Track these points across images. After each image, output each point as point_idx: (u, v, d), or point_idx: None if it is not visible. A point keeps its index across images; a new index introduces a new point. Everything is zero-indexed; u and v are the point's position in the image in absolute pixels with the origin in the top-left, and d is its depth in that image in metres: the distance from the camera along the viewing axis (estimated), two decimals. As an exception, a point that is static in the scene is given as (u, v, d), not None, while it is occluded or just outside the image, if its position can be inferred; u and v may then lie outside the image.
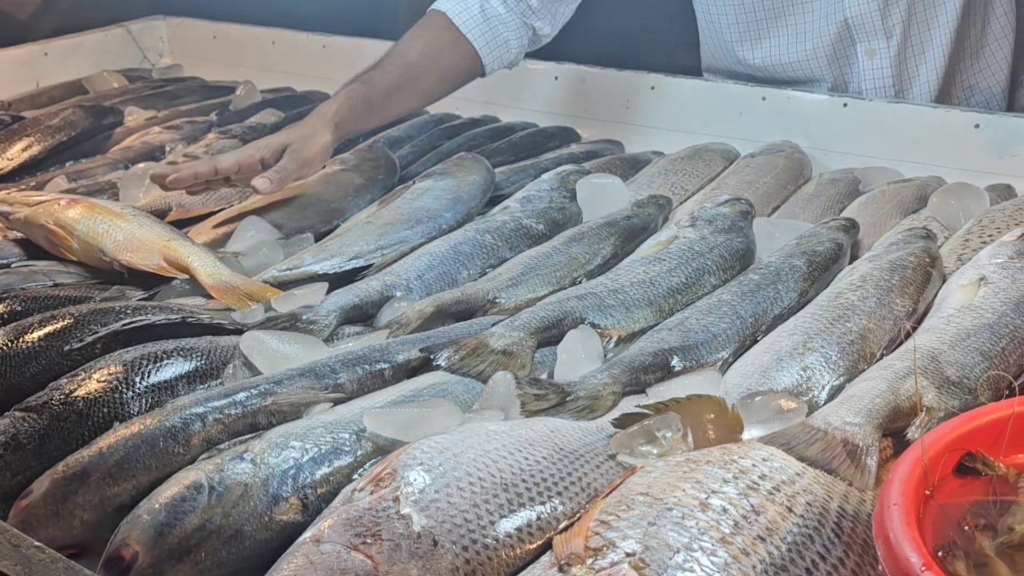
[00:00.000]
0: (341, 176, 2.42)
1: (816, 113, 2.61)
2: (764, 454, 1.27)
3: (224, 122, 2.96)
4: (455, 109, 3.10)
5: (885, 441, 1.41)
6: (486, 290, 1.88)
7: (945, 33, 2.63)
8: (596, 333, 1.71)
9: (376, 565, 1.13)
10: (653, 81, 2.85)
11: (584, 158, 2.61)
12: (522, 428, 1.38)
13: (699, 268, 1.90)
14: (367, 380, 1.58)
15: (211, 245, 2.11)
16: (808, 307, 1.74)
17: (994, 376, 1.50)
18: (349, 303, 1.85)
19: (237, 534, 1.27)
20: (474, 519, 1.19)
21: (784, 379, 1.56)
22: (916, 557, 0.93)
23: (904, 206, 2.20)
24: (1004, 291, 1.68)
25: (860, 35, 2.62)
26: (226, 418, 1.45)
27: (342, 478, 1.35)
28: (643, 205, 2.19)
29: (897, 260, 1.81)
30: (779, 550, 1.11)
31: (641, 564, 1.07)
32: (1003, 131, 2.40)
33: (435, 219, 2.19)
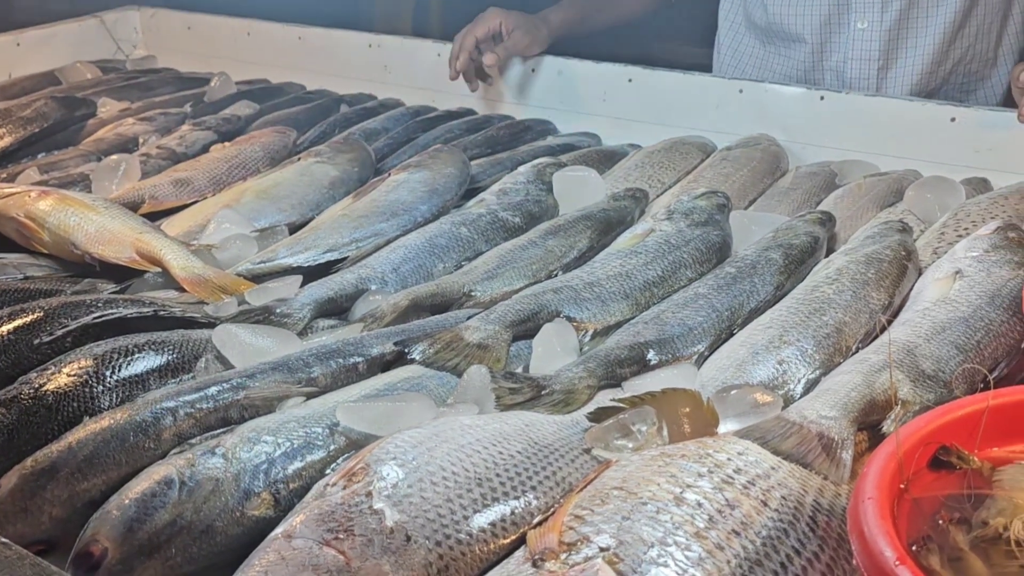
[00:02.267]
0: (316, 169, 2.40)
1: (793, 106, 2.61)
2: (739, 448, 1.26)
3: (199, 114, 2.93)
4: (431, 101, 3.09)
5: (860, 435, 1.41)
6: (461, 283, 1.87)
7: (943, 20, 2.63)
8: (572, 326, 1.71)
9: (348, 561, 1.12)
10: (630, 74, 2.84)
11: (561, 151, 2.60)
12: (496, 422, 1.37)
13: (675, 261, 1.89)
14: (341, 374, 1.57)
15: (184, 238, 2.09)
16: (784, 300, 1.74)
17: (969, 369, 1.50)
18: (323, 296, 1.84)
19: (208, 530, 1.26)
20: (447, 514, 1.18)
21: (760, 373, 1.55)
22: (890, 551, 0.93)
23: (880, 199, 2.20)
24: (979, 284, 1.68)
25: (858, 4, 2.63)
26: (197, 412, 1.43)
27: (315, 473, 1.34)
28: (620, 198, 2.19)
29: (873, 253, 1.81)
30: (754, 544, 1.11)
31: (615, 559, 1.07)
32: (979, 125, 2.40)
33: (411, 211, 2.17)
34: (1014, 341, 1.59)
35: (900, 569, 0.91)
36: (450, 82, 3.05)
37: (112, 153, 2.58)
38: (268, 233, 2.14)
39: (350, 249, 2.04)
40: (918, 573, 0.91)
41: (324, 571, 1.11)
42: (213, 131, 2.76)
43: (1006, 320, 1.61)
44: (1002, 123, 2.36)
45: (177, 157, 2.60)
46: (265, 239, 2.11)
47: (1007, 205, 2.03)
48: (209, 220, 2.17)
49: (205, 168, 2.45)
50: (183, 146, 2.66)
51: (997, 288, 1.67)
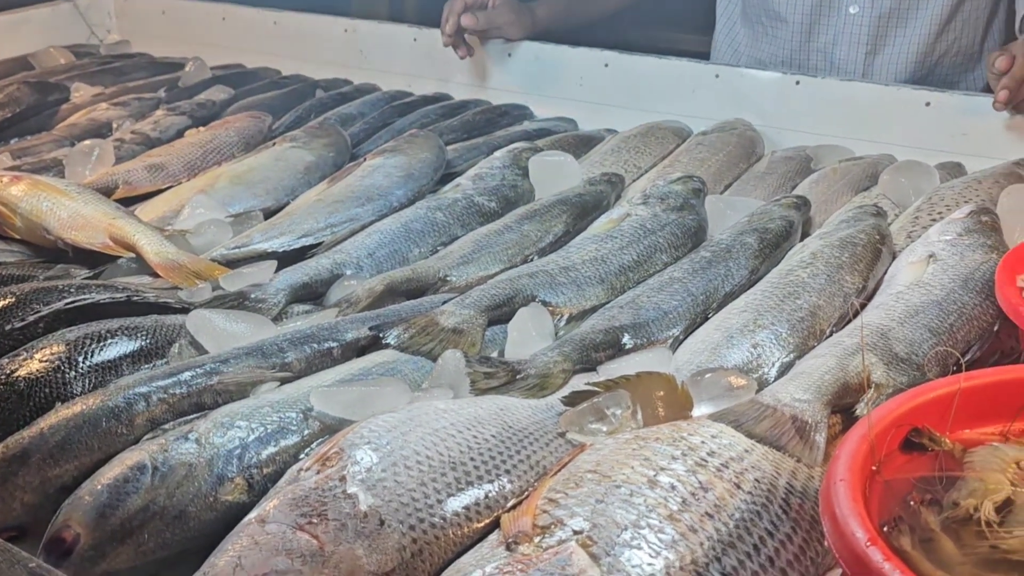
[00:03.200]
0: (291, 154, 2.39)
1: (769, 91, 2.61)
2: (713, 431, 1.27)
3: (173, 99, 2.91)
4: (408, 86, 3.08)
5: (834, 417, 1.42)
6: (437, 268, 1.87)
7: (933, 11, 2.65)
8: (547, 311, 1.70)
9: (322, 545, 1.12)
10: (607, 58, 2.83)
11: (537, 135, 2.60)
12: (471, 406, 1.37)
13: (651, 246, 1.89)
14: (315, 359, 1.56)
15: (158, 223, 2.08)
16: (759, 284, 1.75)
17: (942, 352, 1.51)
18: (298, 281, 1.83)
19: (181, 515, 1.26)
20: (421, 498, 1.18)
21: (734, 356, 1.56)
22: (862, 532, 0.93)
23: (855, 184, 2.20)
24: (952, 268, 1.69)
25: None
26: (171, 398, 1.43)
27: (289, 458, 1.33)
28: (595, 183, 2.19)
29: (847, 237, 1.81)
30: (727, 526, 1.11)
31: (589, 542, 1.07)
32: (954, 110, 2.41)
33: (386, 196, 2.17)
34: (986, 324, 1.60)
35: (871, 550, 0.91)
36: (426, 67, 3.05)
37: (85, 138, 2.56)
38: (243, 218, 2.13)
39: (325, 234, 2.03)
40: (889, 554, 0.91)
41: (297, 556, 1.11)
42: (188, 116, 2.75)
43: (979, 303, 1.61)
44: (976, 108, 2.37)
45: (151, 142, 2.58)
46: (240, 224, 2.10)
47: (980, 189, 2.04)
48: (183, 205, 2.16)
49: (179, 153, 2.44)
50: (157, 131, 2.64)
51: (970, 271, 1.67)
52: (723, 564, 1.07)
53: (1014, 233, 1.82)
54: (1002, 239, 1.79)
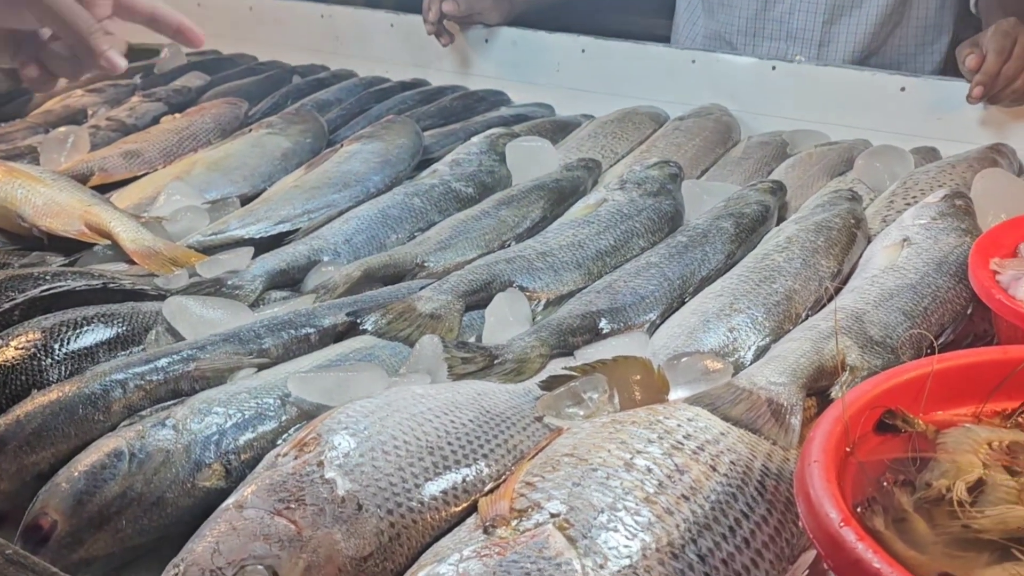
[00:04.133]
0: (268, 140, 2.38)
1: (745, 76, 2.62)
2: (689, 414, 1.27)
3: (148, 85, 2.90)
4: (385, 72, 3.07)
5: (809, 400, 1.43)
6: (414, 254, 1.87)
7: None
8: (524, 296, 1.71)
9: (299, 530, 1.12)
10: (584, 44, 2.84)
11: (514, 121, 2.60)
12: (448, 391, 1.37)
13: (628, 231, 1.90)
14: (293, 345, 1.56)
15: (134, 210, 2.07)
16: (735, 269, 1.75)
17: (916, 335, 1.52)
18: (275, 268, 1.83)
19: (159, 501, 1.25)
20: (399, 482, 1.19)
21: (711, 340, 1.56)
22: (835, 513, 0.94)
23: (831, 168, 2.22)
24: (927, 251, 1.70)
25: None
26: (148, 384, 1.42)
27: (266, 444, 1.33)
28: (572, 168, 2.19)
29: (822, 221, 1.82)
30: (703, 509, 1.12)
31: (566, 524, 1.07)
32: (929, 95, 2.42)
33: (363, 183, 2.17)
34: (960, 307, 1.61)
35: (845, 530, 0.92)
36: (403, 53, 3.05)
37: (60, 125, 2.55)
38: (219, 205, 2.13)
39: (302, 220, 2.03)
40: (862, 534, 0.92)
41: (275, 541, 1.11)
42: (163, 103, 2.74)
43: (953, 286, 1.63)
44: (951, 93, 2.38)
45: (127, 129, 2.57)
46: (216, 211, 2.10)
47: (955, 173, 2.05)
48: (159, 192, 2.15)
49: (155, 140, 2.43)
50: (133, 118, 2.63)
51: (944, 255, 1.68)
52: (699, 545, 1.08)
53: (987, 217, 1.83)
54: (976, 223, 1.80)
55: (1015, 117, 2.35)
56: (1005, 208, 1.82)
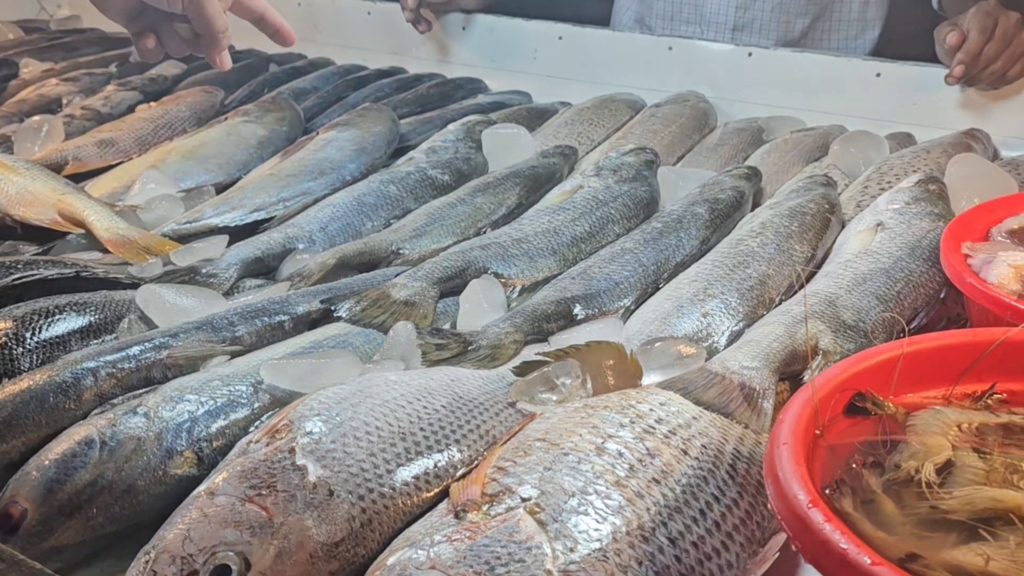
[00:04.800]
0: (243, 128, 2.37)
1: (721, 63, 2.62)
2: (661, 399, 1.27)
3: (124, 74, 2.88)
4: (362, 60, 3.06)
5: (782, 384, 1.43)
6: (390, 241, 1.86)
7: None
8: (499, 282, 1.71)
9: (271, 516, 1.12)
10: (561, 31, 2.84)
11: (491, 109, 2.59)
12: (422, 377, 1.37)
13: (603, 217, 1.90)
14: (266, 332, 1.56)
15: (109, 199, 2.06)
16: (709, 254, 1.75)
17: (888, 318, 1.53)
18: (250, 256, 1.83)
19: (130, 489, 1.25)
20: (371, 468, 1.18)
21: (685, 325, 1.56)
22: (803, 494, 0.94)
23: (806, 154, 2.22)
24: (900, 236, 1.70)
25: None
26: (119, 372, 1.42)
27: (239, 431, 1.33)
28: (549, 155, 2.19)
29: (797, 207, 1.82)
30: (673, 492, 1.12)
31: (536, 509, 1.07)
32: (904, 80, 2.43)
33: (339, 170, 2.16)
34: (933, 291, 1.62)
35: (812, 511, 0.92)
36: (381, 41, 3.04)
37: (35, 114, 2.53)
38: (194, 193, 2.12)
39: (277, 208, 2.03)
40: (830, 515, 0.92)
41: (246, 527, 1.11)
42: (139, 91, 2.72)
43: (926, 271, 1.63)
44: (927, 79, 2.39)
45: (102, 118, 2.56)
46: (191, 200, 2.09)
47: (929, 159, 2.05)
48: (134, 181, 2.14)
49: (130, 129, 2.42)
50: (108, 107, 2.62)
51: (917, 239, 1.69)
52: (669, 529, 1.08)
53: (961, 201, 1.83)
54: (949, 207, 1.81)
55: (991, 102, 2.35)
56: (979, 193, 1.82)
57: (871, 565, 0.85)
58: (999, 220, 1.62)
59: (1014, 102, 2.33)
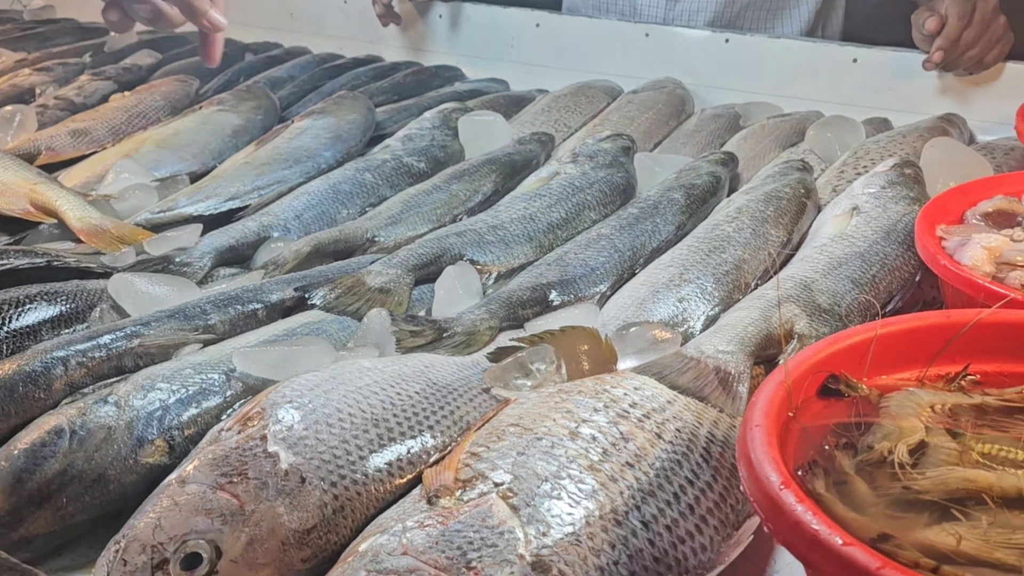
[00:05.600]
0: (218, 117, 2.36)
1: (698, 49, 2.61)
2: (636, 383, 1.27)
3: (98, 63, 2.87)
4: (339, 49, 3.05)
5: (758, 368, 1.43)
6: (365, 229, 1.85)
7: None
8: (474, 269, 1.70)
9: (242, 504, 1.11)
10: (538, 18, 2.83)
11: (468, 96, 2.58)
12: (396, 364, 1.36)
13: (579, 203, 1.89)
14: (239, 320, 1.55)
15: (82, 189, 2.05)
16: (685, 239, 1.75)
17: (863, 302, 1.53)
18: (224, 244, 1.81)
19: (100, 478, 1.24)
20: (343, 455, 1.18)
21: (660, 311, 1.56)
22: (775, 476, 0.94)
23: (783, 140, 2.22)
24: (876, 220, 1.70)
25: None
26: (90, 361, 1.40)
27: (211, 419, 1.32)
28: (525, 142, 2.18)
29: (772, 192, 1.82)
30: (647, 476, 1.12)
31: (509, 494, 1.07)
32: (881, 65, 2.43)
33: (314, 158, 2.15)
34: (908, 274, 1.61)
35: (784, 493, 0.92)
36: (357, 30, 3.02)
37: (7, 104, 2.50)
38: (169, 183, 2.10)
39: (252, 197, 2.01)
40: (802, 496, 0.91)
41: (217, 515, 1.10)
42: (113, 81, 2.70)
43: (901, 254, 1.63)
44: (903, 64, 2.39)
45: (75, 108, 2.54)
46: (165, 189, 2.08)
47: (905, 143, 2.06)
48: (108, 170, 2.13)
49: (104, 118, 2.40)
50: (81, 96, 2.60)
51: (893, 223, 1.69)
52: (643, 512, 1.08)
53: (937, 185, 1.83)
54: (925, 191, 1.81)
55: (967, 87, 2.36)
56: (954, 176, 1.83)
57: (842, 545, 0.85)
58: (974, 203, 1.62)
59: (990, 87, 2.33)
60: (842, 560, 0.84)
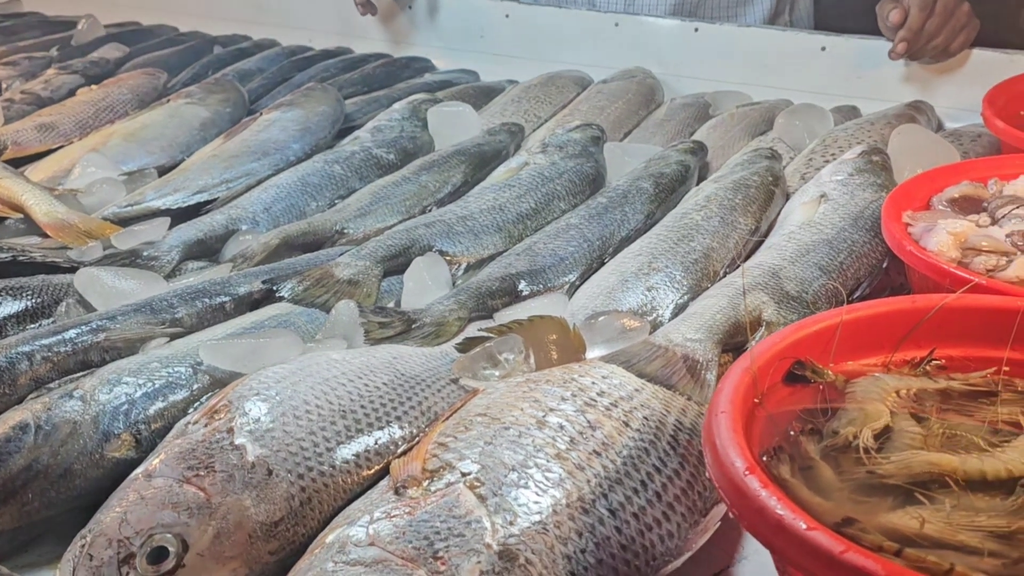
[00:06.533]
0: (186, 110, 2.34)
1: (668, 38, 2.61)
2: (604, 372, 1.27)
3: (65, 57, 2.85)
4: (308, 41, 3.03)
5: (726, 356, 1.43)
6: (334, 221, 1.85)
7: None
8: (443, 260, 1.70)
9: (208, 497, 1.10)
10: (507, 9, 2.82)
11: (438, 88, 2.58)
12: (364, 355, 1.36)
13: (549, 193, 1.89)
14: (207, 314, 1.54)
15: (49, 183, 2.04)
16: (655, 228, 1.75)
17: (831, 289, 1.53)
18: (192, 238, 1.81)
19: (66, 473, 1.23)
20: (310, 447, 1.17)
21: (629, 299, 1.56)
22: (740, 462, 0.94)
23: (752, 128, 2.22)
24: (843, 207, 1.71)
25: None
26: (55, 356, 1.40)
27: (178, 412, 1.31)
28: (495, 132, 2.18)
29: (741, 180, 1.82)
30: (614, 464, 1.12)
31: (476, 483, 1.07)
32: (849, 54, 2.43)
33: (283, 151, 2.14)
34: (876, 261, 1.62)
35: (749, 479, 0.92)
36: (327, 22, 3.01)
37: (-27, 99, 2.50)
38: (136, 176, 2.09)
39: (220, 190, 2.00)
40: (767, 482, 0.92)
41: (184, 508, 1.09)
42: (80, 75, 2.69)
43: (868, 241, 1.64)
44: (871, 52, 2.39)
45: (42, 102, 2.52)
46: (133, 183, 2.07)
47: (873, 131, 2.06)
48: (75, 165, 2.12)
49: (71, 112, 2.39)
50: (48, 90, 2.58)
51: (860, 210, 1.69)
52: (610, 500, 1.08)
53: (904, 172, 1.84)
54: (892, 178, 1.81)
55: (935, 74, 2.36)
56: (921, 163, 1.83)
57: (806, 530, 0.85)
58: (940, 189, 1.63)
59: (957, 74, 2.34)
60: (806, 544, 0.85)
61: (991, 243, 1.44)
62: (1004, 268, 1.39)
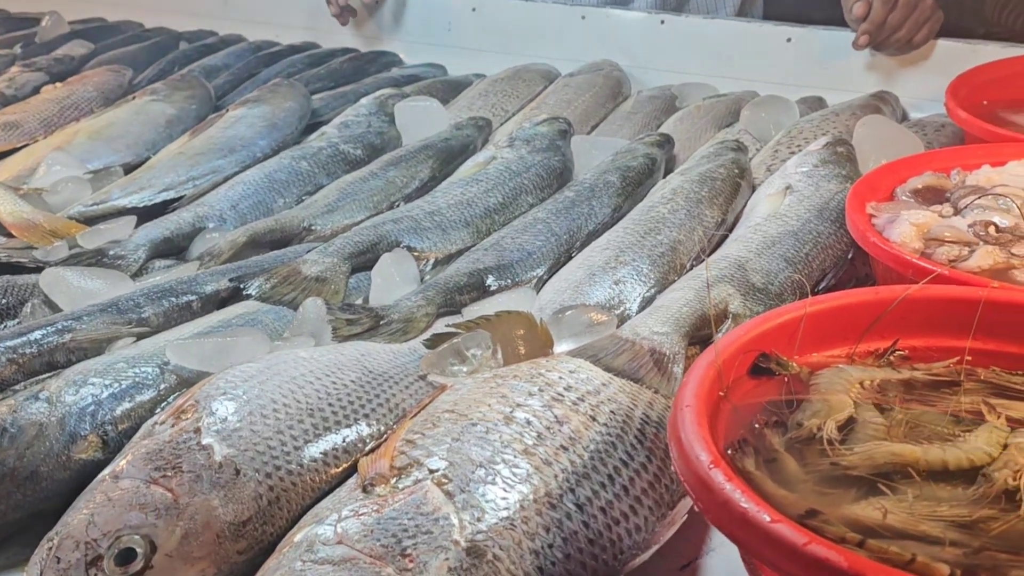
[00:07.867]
0: (152, 107, 2.33)
1: (635, 31, 2.62)
2: (571, 366, 1.27)
3: (29, 55, 2.83)
4: (275, 36, 3.02)
5: (693, 349, 1.43)
6: (301, 217, 1.84)
7: None
8: (411, 256, 1.70)
9: (176, 497, 1.10)
10: (474, 3, 2.82)
11: (406, 82, 2.58)
12: (332, 353, 1.36)
13: (516, 187, 1.89)
14: (174, 313, 1.54)
15: (13, 183, 2.02)
16: (622, 222, 1.76)
17: (797, 280, 1.54)
18: (159, 236, 1.80)
19: (32, 476, 1.22)
20: (278, 446, 1.17)
21: (597, 293, 1.56)
22: (705, 455, 0.94)
23: (719, 120, 2.23)
24: (808, 199, 1.72)
25: None
26: (20, 358, 1.39)
27: (145, 413, 1.31)
28: (462, 127, 2.18)
29: (707, 172, 1.83)
30: (581, 458, 1.12)
31: (444, 480, 1.07)
32: (814, 45, 2.45)
33: (249, 147, 2.14)
34: (841, 252, 1.63)
35: (713, 472, 0.92)
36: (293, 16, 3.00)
37: (-65, 99, 2.48)
38: (102, 175, 2.08)
39: (187, 188, 2.00)
40: (731, 475, 0.92)
41: (151, 509, 1.09)
42: (44, 72, 2.67)
43: (834, 232, 1.65)
44: (837, 43, 2.41)
45: (6, 100, 2.51)
46: (99, 181, 2.06)
47: (838, 122, 2.07)
48: (39, 163, 2.10)
49: (35, 110, 2.37)
50: (12, 89, 2.57)
51: (825, 202, 1.70)
52: (577, 495, 1.08)
53: (869, 163, 1.85)
54: (857, 169, 1.82)
55: (899, 65, 2.38)
56: (886, 154, 1.84)
57: (770, 523, 0.86)
58: (903, 180, 1.64)
59: (922, 65, 2.35)
60: (769, 537, 0.85)
61: (954, 233, 1.45)
62: (966, 258, 1.41)
